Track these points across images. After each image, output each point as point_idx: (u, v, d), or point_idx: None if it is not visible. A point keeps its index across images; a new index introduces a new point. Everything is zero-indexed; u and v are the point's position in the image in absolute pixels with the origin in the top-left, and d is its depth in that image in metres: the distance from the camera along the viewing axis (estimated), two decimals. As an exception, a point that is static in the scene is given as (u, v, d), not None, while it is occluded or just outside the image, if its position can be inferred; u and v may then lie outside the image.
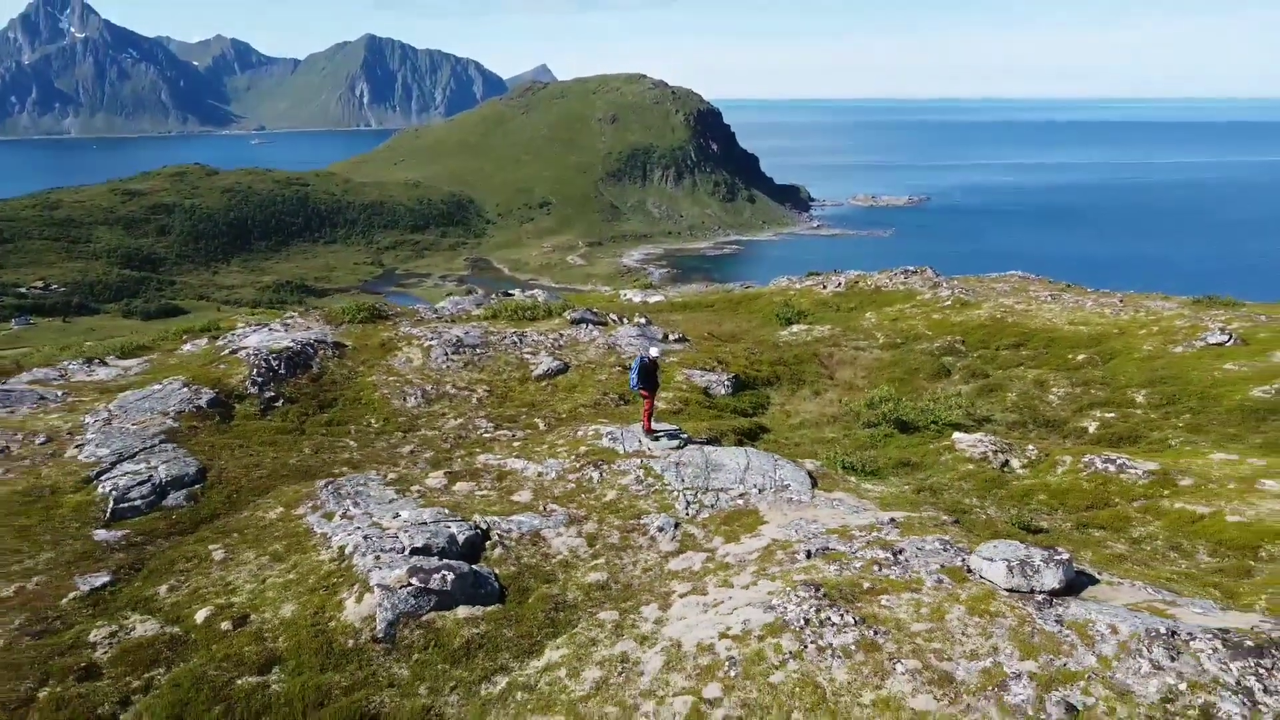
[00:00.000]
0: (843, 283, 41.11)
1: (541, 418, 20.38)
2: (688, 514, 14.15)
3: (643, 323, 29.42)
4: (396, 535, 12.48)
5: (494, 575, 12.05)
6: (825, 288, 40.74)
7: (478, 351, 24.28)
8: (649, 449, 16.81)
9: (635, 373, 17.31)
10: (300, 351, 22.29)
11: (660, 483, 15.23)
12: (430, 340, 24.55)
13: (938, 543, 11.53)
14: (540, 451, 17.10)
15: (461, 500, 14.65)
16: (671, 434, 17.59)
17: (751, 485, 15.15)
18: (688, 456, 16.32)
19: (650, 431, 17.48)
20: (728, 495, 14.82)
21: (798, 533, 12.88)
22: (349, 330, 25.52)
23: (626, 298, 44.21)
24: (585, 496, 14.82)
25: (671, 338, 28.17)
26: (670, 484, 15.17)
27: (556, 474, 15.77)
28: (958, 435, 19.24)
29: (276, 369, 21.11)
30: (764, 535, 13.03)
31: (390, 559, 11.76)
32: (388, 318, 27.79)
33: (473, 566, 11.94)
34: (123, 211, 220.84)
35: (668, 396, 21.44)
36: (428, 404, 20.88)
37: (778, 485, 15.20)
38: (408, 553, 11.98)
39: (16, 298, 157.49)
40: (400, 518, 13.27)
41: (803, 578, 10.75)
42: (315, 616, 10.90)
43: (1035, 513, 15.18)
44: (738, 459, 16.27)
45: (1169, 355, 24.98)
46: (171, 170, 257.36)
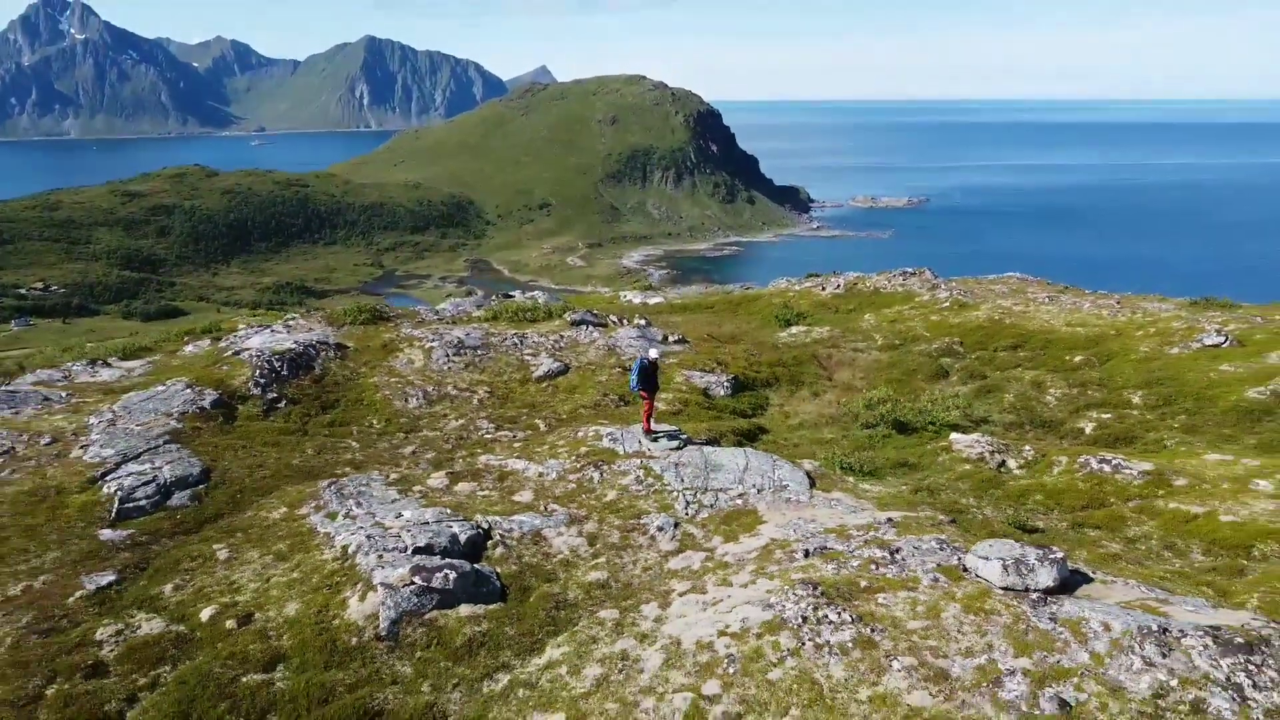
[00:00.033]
0: (842, 284, 41.24)
1: (542, 419, 20.51)
2: (687, 514, 14.27)
3: (643, 324, 29.55)
4: (399, 535, 12.60)
5: (496, 574, 12.17)
6: (824, 289, 40.87)
7: (479, 353, 24.41)
8: (649, 449, 16.94)
9: (635, 374, 17.42)
10: (303, 353, 22.42)
11: (660, 483, 15.35)
12: (431, 342, 24.67)
13: (934, 542, 11.65)
14: (541, 452, 17.22)
15: (463, 500, 14.77)
16: (671, 435, 17.71)
17: (750, 485, 15.28)
18: (687, 457, 16.44)
19: (650, 432, 17.60)
20: (727, 495, 14.94)
21: (796, 532, 13.00)
22: (351, 332, 25.64)
23: (626, 299, 44.34)
24: (586, 496, 14.94)
25: (671, 339, 28.29)
26: (670, 484, 15.29)
27: (557, 474, 15.90)
28: (955, 436, 19.35)
29: (279, 370, 21.24)
30: (762, 535, 13.16)
31: (393, 558, 11.88)
32: (389, 319, 27.92)
33: (475, 565, 12.05)
34: (122, 213, 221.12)
35: (667, 398, 21.56)
36: (429, 405, 21.01)
37: (776, 485, 15.32)
38: (410, 552, 12.10)
39: (16, 299, 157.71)
40: (403, 517, 13.38)
41: (801, 576, 10.87)
42: (319, 615, 11.02)
43: (1031, 513, 15.29)
44: (737, 459, 16.39)
45: (1165, 357, 25.12)
46: (171, 171, 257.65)
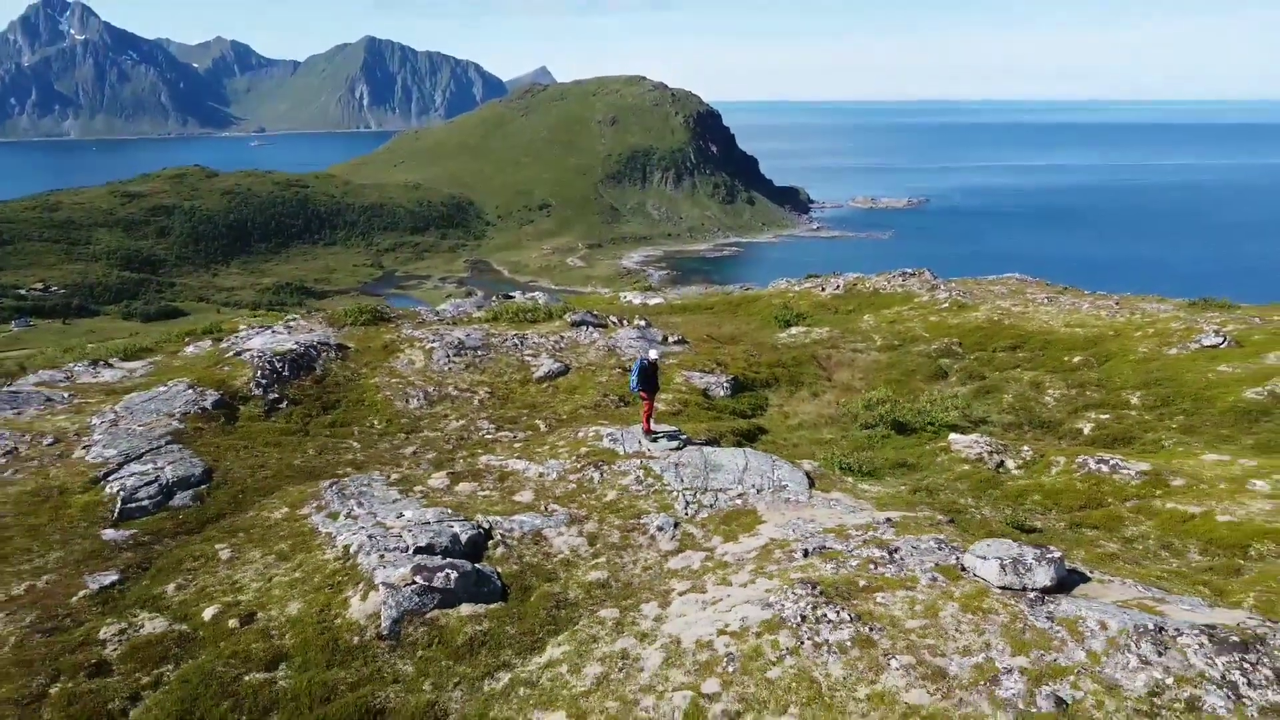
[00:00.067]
0: (841, 285, 41.31)
1: (542, 419, 20.57)
2: (687, 514, 14.34)
3: (643, 325, 29.61)
4: (400, 534, 12.67)
5: (496, 574, 12.24)
6: (824, 290, 40.93)
7: (479, 354, 24.48)
8: (649, 450, 17.00)
9: (635, 375, 17.49)
10: (304, 354, 22.48)
11: (660, 483, 15.42)
12: (432, 342, 24.74)
13: (933, 542, 11.71)
14: (541, 452, 17.28)
15: (464, 500, 14.84)
16: (671, 435, 17.78)
17: (750, 485, 15.35)
18: (687, 457, 16.51)
19: (650, 433, 17.67)
20: (726, 495, 15.01)
21: (795, 532, 13.07)
22: (351, 332, 25.70)
23: (626, 300, 44.42)
24: (586, 497, 15.01)
25: (671, 340, 28.36)
26: (670, 484, 15.36)
27: (557, 474, 15.96)
28: (954, 436, 19.42)
29: (280, 371, 21.30)
30: (762, 534, 13.22)
31: (394, 558, 11.95)
32: (390, 320, 27.99)
33: (476, 565, 12.13)
34: (122, 213, 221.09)
35: (667, 398, 21.63)
36: (430, 405, 21.07)
37: (776, 485, 15.39)
38: (412, 552, 12.17)
39: (16, 299, 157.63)
40: (404, 517, 13.45)
41: (800, 576, 10.94)
42: (321, 614, 11.09)
43: (1029, 513, 15.35)
44: (736, 460, 16.45)
45: (1164, 357, 25.19)
46: (171, 172, 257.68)
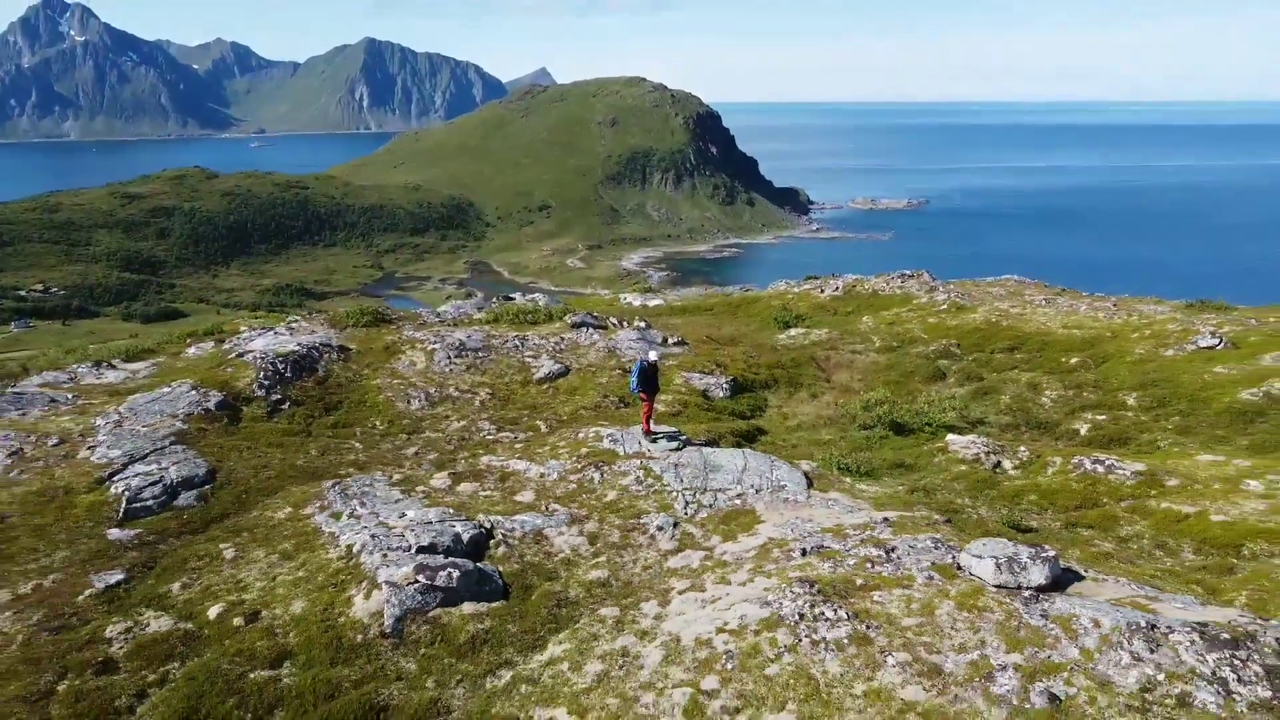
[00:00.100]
0: (840, 287, 41.44)
1: (543, 420, 20.70)
2: (686, 513, 14.46)
3: (643, 326, 29.75)
4: (403, 534, 12.80)
5: (498, 573, 12.37)
6: (823, 291, 41.06)
7: (480, 355, 24.61)
8: (649, 450, 17.13)
9: (635, 376, 17.62)
10: (306, 355, 22.61)
11: (660, 483, 15.54)
12: (433, 344, 24.87)
13: (929, 541, 11.84)
14: (542, 453, 17.41)
15: (466, 500, 14.97)
16: (671, 436, 17.91)
17: (749, 486, 15.48)
18: (687, 458, 16.64)
19: (650, 433, 17.79)
20: (725, 495, 15.14)
21: (793, 531, 13.20)
22: (353, 334, 25.84)
23: (626, 301, 44.56)
24: (586, 497, 15.14)
25: (671, 341, 28.50)
26: (669, 484, 15.48)
27: (558, 475, 16.09)
28: (951, 437, 19.54)
29: (283, 372, 21.44)
30: (761, 534, 13.36)
31: (397, 557, 12.08)
32: (391, 322, 28.13)
33: (477, 564, 12.27)
34: (122, 214, 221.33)
35: (667, 399, 21.75)
36: (431, 406, 21.20)
37: (774, 486, 15.52)
38: (414, 551, 12.30)
39: (16, 300, 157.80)
40: (406, 517, 13.58)
41: (798, 575, 11.07)
42: (325, 613, 11.22)
43: (1025, 512, 15.48)
44: (735, 460, 16.58)
45: (1160, 359, 25.32)
46: (171, 173, 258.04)
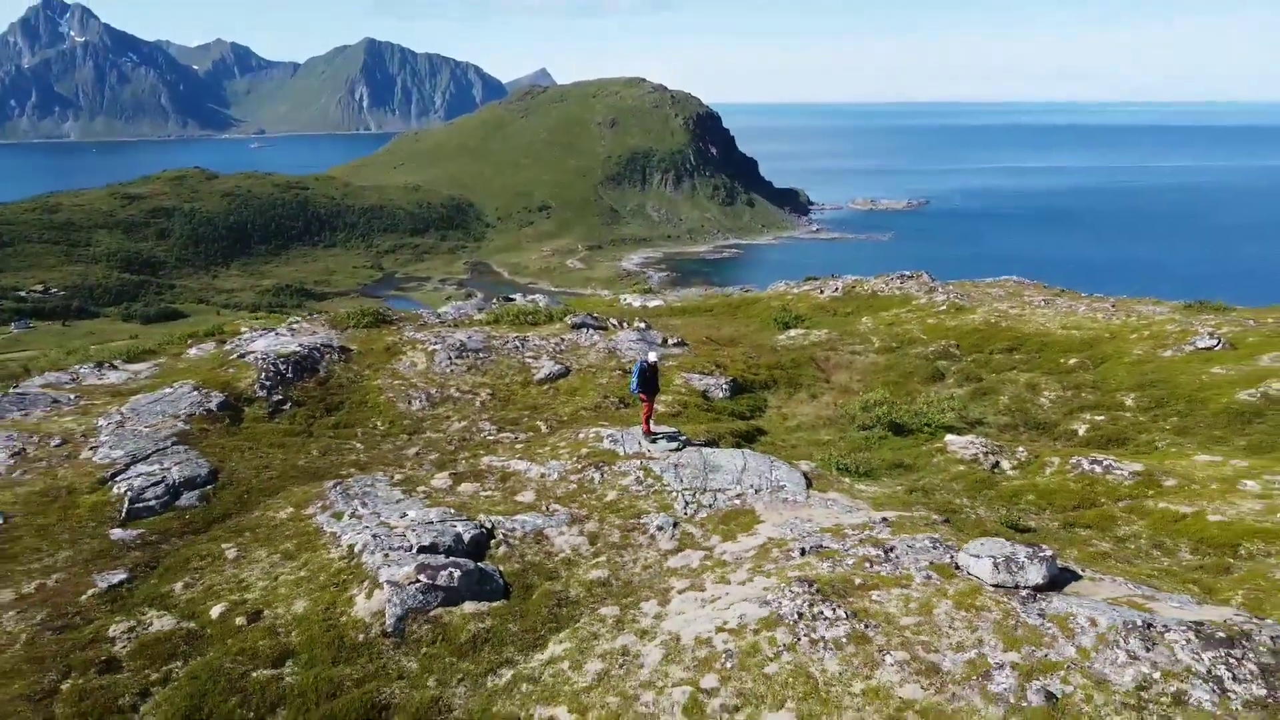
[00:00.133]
0: (840, 287, 41.52)
1: (543, 420, 20.77)
2: (686, 514, 14.53)
3: (642, 327, 29.82)
4: (404, 534, 12.87)
5: (499, 572, 12.44)
6: (822, 292, 41.13)
7: (480, 356, 24.68)
8: (649, 451, 17.20)
9: (635, 377, 17.69)
10: (307, 356, 22.68)
11: (660, 483, 15.61)
12: (434, 345, 24.94)
13: (928, 541, 11.90)
14: (543, 453, 17.48)
15: (467, 500, 15.04)
16: (671, 436, 17.98)
17: (748, 486, 15.54)
18: (686, 458, 16.71)
19: (650, 434, 17.86)
20: (725, 495, 15.20)
21: (793, 531, 13.27)
22: (354, 335, 25.91)
23: (626, 302, 44.65)
24: (587, 497, 15.21)
25: (671, 342, 28.56)
26: (669, 485, 15.55)
27: (558, 475, 16.16)
28: (950, 437, 19.61)
29: (284, 373, 21.51)
30: (760, 534, 13.43)
31: (398, 557, 12.15)
32: (392, 322, 28.20)
33: (478, 564, 12.33)
34: (122, 215, 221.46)
35: (667, 400, 21.82)
36: (432, 407, 21.27)
37: (774, 486, 15.59)
38: (415, 551, 12.37)
39: (16, 301, 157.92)
40: (407, 517, 13.65)
41: (797, 574, 11.14)
42: (327, 612, 11.30)
43: (1024, 512, 15.55)
44: (735, 460, 16.65)
45: (1159, 359, 25.39)
46: (171, 174, 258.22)
